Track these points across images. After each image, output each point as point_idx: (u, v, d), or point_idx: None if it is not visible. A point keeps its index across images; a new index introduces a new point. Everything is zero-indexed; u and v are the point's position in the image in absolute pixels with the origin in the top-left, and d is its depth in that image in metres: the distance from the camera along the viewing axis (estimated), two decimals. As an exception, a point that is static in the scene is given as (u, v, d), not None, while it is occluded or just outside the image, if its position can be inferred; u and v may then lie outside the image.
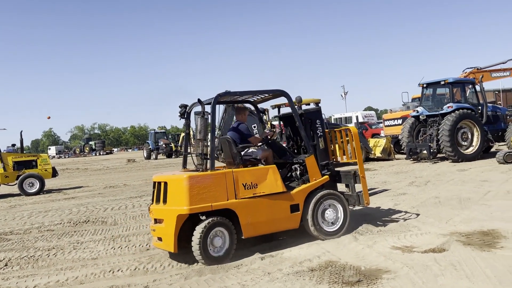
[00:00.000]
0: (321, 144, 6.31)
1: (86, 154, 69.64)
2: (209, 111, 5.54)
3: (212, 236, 5.19)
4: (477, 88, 16.08)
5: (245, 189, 5.43)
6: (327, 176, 6.14)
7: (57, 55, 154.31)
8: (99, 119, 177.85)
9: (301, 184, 5.97)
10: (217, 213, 5.28)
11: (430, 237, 5.62)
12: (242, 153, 6.00)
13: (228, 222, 5.29)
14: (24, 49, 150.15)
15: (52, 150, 77.60)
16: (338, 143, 6.69)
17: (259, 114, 7.03)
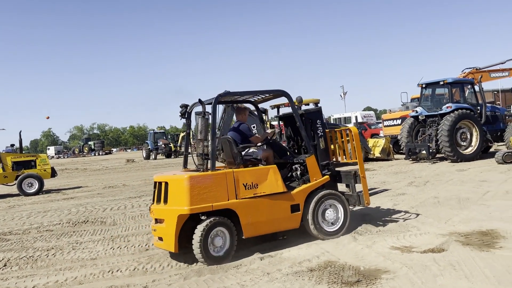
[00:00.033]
0: (322, 144, 6.30)
1: (85, 154, 69.59)
2: (209, 111, 5.54)
3: (213, 236, 5.19)
4: (476, 88, 16.09)
5: (246, 189, 5.42)
6: (327, 176, 6.14)
7: (56, 55, 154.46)
8: (98, 119, 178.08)
9: (302, 184, 5.97)
10: (217, 213, 5.28)
11: (429, 237, 5.62)
12: (243, 153, 6.00)
13: (228, 222, 5.29)
14: (23, 49, 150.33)
15: (51, 150, 77.53)
16: (338, 143, 6.69)
17: (260, 114, 7.04)
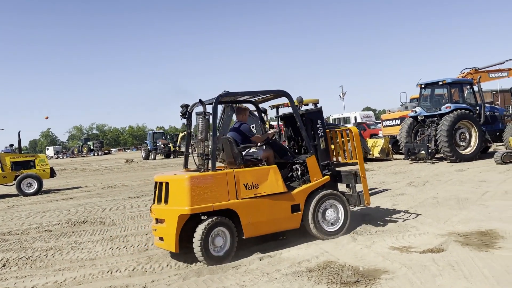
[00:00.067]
0: (322, 144, 6.31)
1: (84, 155, 69.53)
2: (210, 111, 5.54)
3: (213, 235, 5.20)
4: (475, 88, 16.09)
5: (246, 189, 5.43)
6: (328, 176, 6.15)
7: (55, 55, 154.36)
8: (97, 119, 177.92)
9: (302, 184, 5.97)
10: (218, 213, 5.28)
11: (428, 237, 5.62)
12: (243, 153, 6.00)
13: (229, 222, 5.30)
14: (22, 49, 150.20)
15: (50, 151, 77.47)
16: (339, 143, 6.69)
17: (260, 114, 7.05)
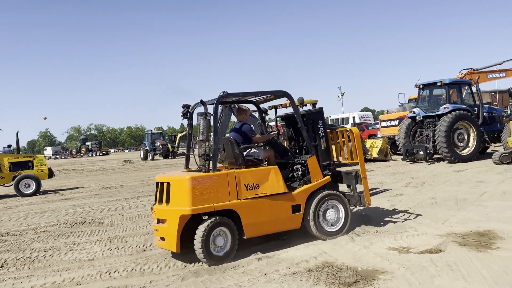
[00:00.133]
0: (323, 144, 6.32)
1: (82, 155, 69.40)
2: (211, 112, 5.54)
3: (214, 235, 5.21)
4: (473, 89, 16.13)
5: (247, 189, 5.44)
6: (328, 176, 6.16)
7: (53, 56, 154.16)
8: (95, 120, 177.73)
9: (303, 185, 5.98)
10: (219, 213, 5.29)
11: (426, 238, 5.63)
12: (244, 153, 6.00)
13: (230, 222, 5.31)
14: (21, 49, 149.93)
15: (48, 151, 77.33)
16: (340, 143, 6.70)
17: (261, 114, 7.06)
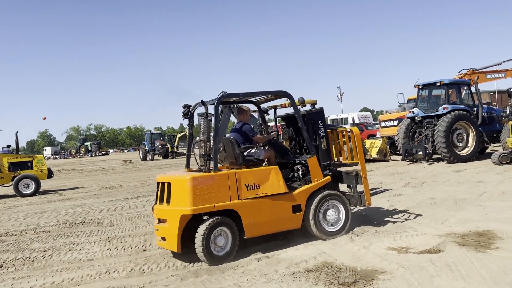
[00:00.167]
0: (323, 144, 6.33)
1: (82, 155, 69.34)
2: (212, 112, 5.55)
3: (215, 235, 5.22)
4: (473, 89, 16.15)
5: (248, 190, 5.45)
6: (329, 176, 6.16)
7: (53, 56, 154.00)
8: (95, 120, 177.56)
9: (303, 185, 5.99)
10: (220, 213, 5.30)
11: (425, 238, 5.64)
12: (245, 153, 6.00)
13: (230, 222, 5.32)
14: (20, 49, 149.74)
15: (47, 151, 77.24)
16: (340, 144, 6.71)
17: (262, 114, 7.07)
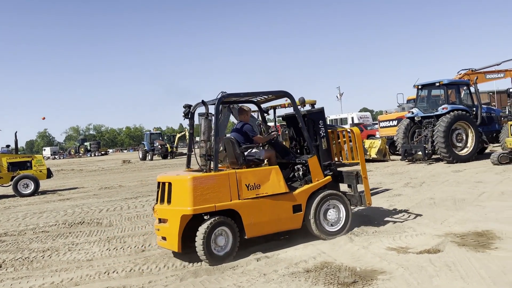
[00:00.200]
0: (324, 144, 6.34)
1: (81, 155, 69.30)
2: (212, 112, 5.55)
3: (216, 235, 5.23)
4: (472, 89, 16.15)
5: (248, 189, 5.45)
6: (329, 176, 6.17)
7: (52, 56, 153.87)
8: (94, 120, 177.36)
9: (304, 185, 5.99)
10: (220, 213, 5.31)
11: (425, 238, 5.64)
12: (245, 153, 6.00)
13: (231, 222, 5.33)
14: (19, 49, 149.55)
15: (47, 151, 77.11)
16: (341, 143, 6.72)
17: (262, 114, 7.07)
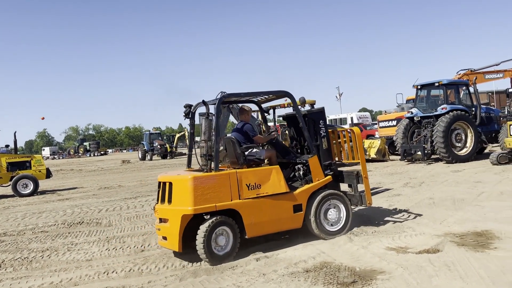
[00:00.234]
0: (324, 144, 6.34)
1: (80, 155, 69.27)
2: (213, 112, 5.55)
3: (217, 234, 5.23)
4: (471, 89, 16.16)
5: (249, 189, 5.46)
6: (330, 176, 6.18)
7: (51, 56, 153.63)
8: (93, 120, 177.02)
9: (304, 184, 6.00)
10: (221, 213, 5.31)
11: (424, 238, 5.64)
12: (246, 153, 6.01)
13: (232, 222, 5.33)
14: (18, 49, 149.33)
15: (46, 151, 77.02)
16: (341, 143, 6.72)
17: (263, 114, 7.07)
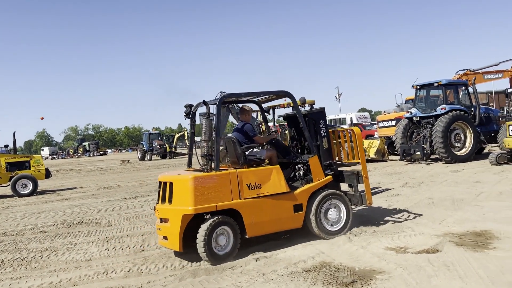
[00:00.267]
0: (325, 144, 6.35)
1: (79, 155, 69.22)
2: (213, 112, 5.56)
3: (217, 233, 5.24)
4: (470, 90, 16.17)
5: (249, 189, 5.46)
6: (330, 176, 6.19)
7: (51, 56, 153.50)
8: (93, 120, 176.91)
9: (305, 184, 6.00)
10: (221, 212, 5.32)
11: (423, 238, 5.65)
12: (247, 153, 6.01)
13: (232, 221, 5.34)
14: (18, 49, 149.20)
15: (45, 151, 77.00)
16: (341, 143, 6.74)
17: (263, 114, 7.08)
